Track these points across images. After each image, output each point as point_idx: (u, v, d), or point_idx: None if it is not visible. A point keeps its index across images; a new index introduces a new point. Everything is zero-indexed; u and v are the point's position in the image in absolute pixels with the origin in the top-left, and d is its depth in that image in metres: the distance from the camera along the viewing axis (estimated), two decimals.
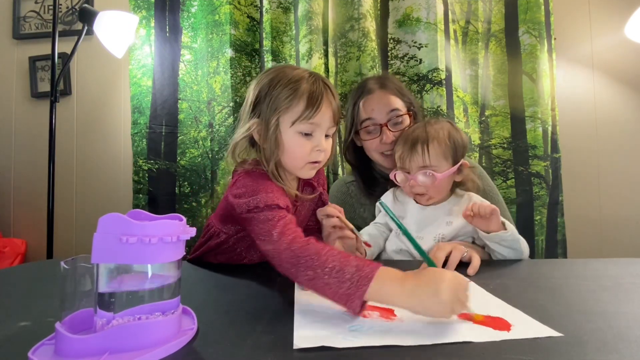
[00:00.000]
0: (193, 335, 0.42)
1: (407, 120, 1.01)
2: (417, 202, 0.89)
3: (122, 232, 0.38)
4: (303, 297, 0.55)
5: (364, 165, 1.09)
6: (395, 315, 0.47)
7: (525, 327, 0.43)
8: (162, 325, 0.40)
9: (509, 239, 0.76)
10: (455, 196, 0.89)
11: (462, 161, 0.86)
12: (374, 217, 0.99)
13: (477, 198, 0.87)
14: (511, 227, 0.77)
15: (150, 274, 0.41)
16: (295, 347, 0.38)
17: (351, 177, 1.14)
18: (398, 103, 1.00)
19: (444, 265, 0.69)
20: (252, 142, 0.73)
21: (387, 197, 0.96)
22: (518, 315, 0.46)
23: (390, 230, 0.93)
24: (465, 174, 0.88)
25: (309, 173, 0.74)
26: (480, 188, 0.91)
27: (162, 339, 0.39)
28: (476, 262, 0.69)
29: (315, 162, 0.72)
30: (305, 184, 0.79)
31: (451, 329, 0.42)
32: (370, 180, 1.07)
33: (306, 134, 0.70)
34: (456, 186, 0.89)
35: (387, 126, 0.98)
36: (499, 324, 0.43)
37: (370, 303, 0.48)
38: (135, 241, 0.37)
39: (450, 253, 0.71)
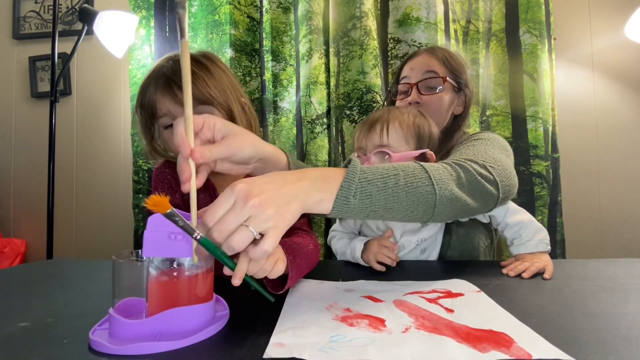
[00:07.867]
0: (227, 320, 0.46)
1: (447, 90, 0.94)
2: None
3: (171, 230, 0.42)
4: (294, 298, 0.54)
5: None
6: (385, 326, 0.44)
7: (529, 346, 0.38)
8: (202, 310, 0.44)
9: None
10: None
11: (427, 151, 0.78)
12: None
13: None
14: (546, 244, 0.75)
15: (191, 264, 0.45)
16: (265, 356, 0.37)
17: None
18: (438, 68, 0.94)
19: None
20: None
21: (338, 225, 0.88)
22: (523, 330, 0.42)
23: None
24: None
25: None
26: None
27: (203, 323, 0.44)
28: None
29: None
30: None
31: (442, 347, 0.38)
32: None
33: (170, 126, 0.61)
34: None
35: (417, 86, 0.94)
36: (499, 339, 0.40)
37: (361, 311, 0.48)
38: (182, 238, 0.43)
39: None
